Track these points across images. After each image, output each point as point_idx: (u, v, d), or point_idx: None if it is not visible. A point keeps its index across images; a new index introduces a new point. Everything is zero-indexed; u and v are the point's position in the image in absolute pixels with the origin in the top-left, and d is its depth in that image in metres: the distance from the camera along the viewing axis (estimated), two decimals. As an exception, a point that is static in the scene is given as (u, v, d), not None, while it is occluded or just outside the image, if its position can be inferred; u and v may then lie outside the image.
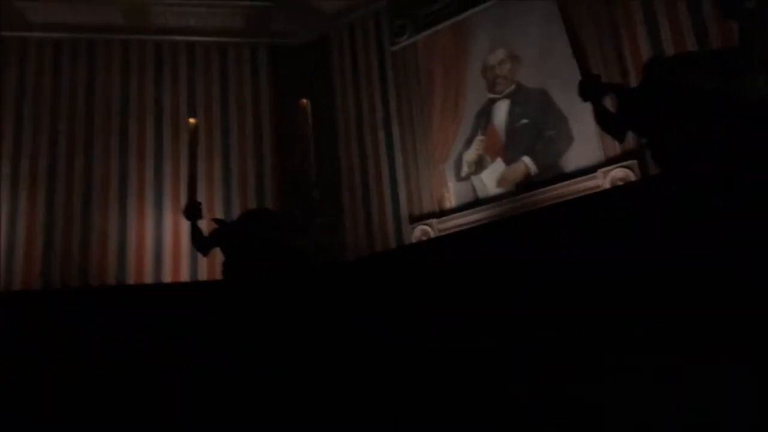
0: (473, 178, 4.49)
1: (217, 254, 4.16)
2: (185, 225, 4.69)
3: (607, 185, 3.82)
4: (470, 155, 4.53)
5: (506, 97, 4.47)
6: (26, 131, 4.87)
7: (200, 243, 3.24)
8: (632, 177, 3.77)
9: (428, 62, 4.88)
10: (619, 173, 3.83)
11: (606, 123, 2.74)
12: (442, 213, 4.50)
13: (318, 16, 5.41)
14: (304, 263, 3.26)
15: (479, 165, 4.49)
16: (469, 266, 3.07)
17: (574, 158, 4.09)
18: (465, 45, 4.74)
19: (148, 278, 4.59)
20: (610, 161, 3.92)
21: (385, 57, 5.11)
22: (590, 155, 4.01)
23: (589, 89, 2.68)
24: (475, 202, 4.39)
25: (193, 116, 4.63)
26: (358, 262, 4.33)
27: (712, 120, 2.46)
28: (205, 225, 3.32)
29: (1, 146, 4.78)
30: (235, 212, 4.71)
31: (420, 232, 4.48)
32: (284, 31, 5.48)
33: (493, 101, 4.53)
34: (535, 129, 4.29)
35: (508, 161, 4.36)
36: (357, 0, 5.26)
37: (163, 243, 4.74)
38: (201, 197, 3.40)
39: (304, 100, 3.48)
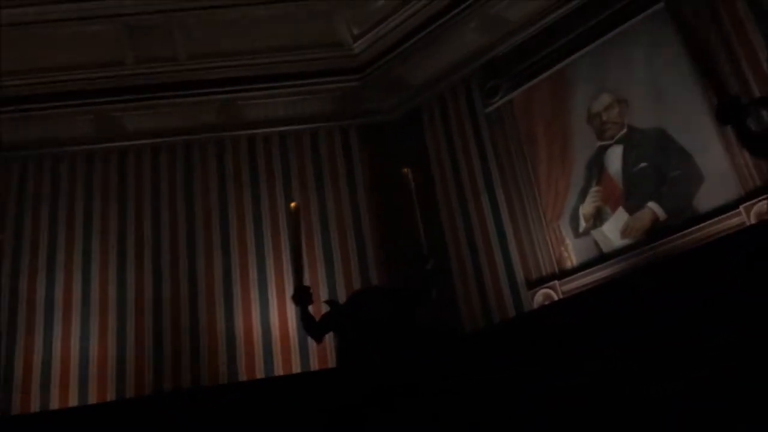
0: (593, 232, 4.12)
1: (327, 341, 3.99)
2: (292, 314, 4.61)
3: (752, 221, 3.39)
4: (587, 208, 4.19)
5: (618, 142, 4.15)
6: (129, 235, 4.92)
7: (313, 328, 3.06)
8: (778, 209, 3.34)
9: (526, 119, 4.65)
10: (765, 207, 3.39)
11: (755, 146, 2.40)
12: (563, 273, 4.13)
13: (407, 90, 5.33)
14: (423, 339, 3.01)
15: (598, 218, 4.13)
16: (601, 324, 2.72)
17: (708, 197, 3.68)
18: (565, 95, 4.49)
19: (260, 373, 4.43)
20: (750, 195, 3.49)
21: (479, 120, 4.92)
22: (726, 192, 3.60)
23: (728, 110, 2.37)
24: (600, 258, 4.01)
25: (291, 203, 4.58)
26: (482, 332, 4.04)
27: None
28: (311, 310, 3.16)
29: (108, 260, 4.84)
30: (341, 294, 4.52)
31: (542, 296, 4.11)
32: (374, 109, 5.43)
33: (603, 148, 4.22)
34: (657, 171, 3.92)
35: (631, 210, 3.99)
36: (446, 68, 5.13)
37: (271, 335, 4.59)
38: (305, 282, 3.25)
39: (406, 169, 3.32)
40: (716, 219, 3.58)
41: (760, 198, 3.42)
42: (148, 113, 5.22)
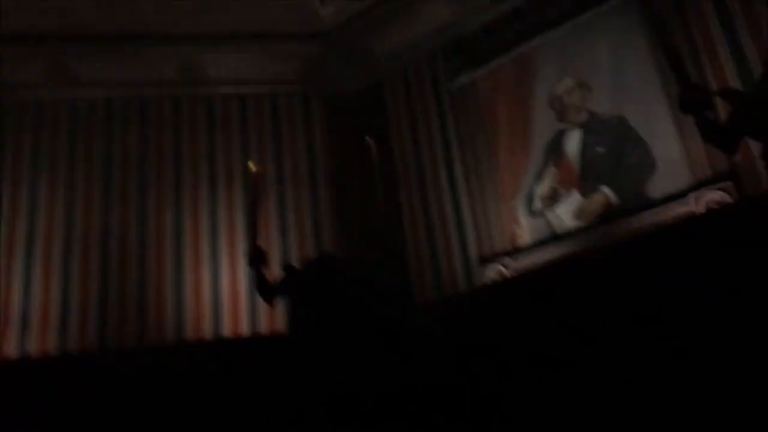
0: (548, 213, 4.20)
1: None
2: (243, 275, 4.55)
3: (700, 210, 3.50)
4: (543, 189, 4.26)
5: (578, 126, 4.22)
6: (79, 188, 4.78)
7: (266, 291, 3.01)
8: (728, 200, 3.45)
9: (489, 98, 4.68)
10: (713, 196, 3.51)
11: (713, 135, 2.46)
12: (516, 251, 4.20)
13: (372, 60, 5.28)
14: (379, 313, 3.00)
15: (553, 199, 4.20)
16: (550, 305, 2.78)
17: (660, 184, 3.79)
18: (529, 76, 4.53)
19: (207, 333, 4.38)
20: (701, 184, 3.61)
21: (443, 96, 4.92)
22: (677, 180, 3.71)
23: (691, 100, 2.41)
24: (552, 238, 4.09)
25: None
26: (433, 304, 4.07)
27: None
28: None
29: (55, 206, 4.69)
30: (294, 261, 4.50)
31: (494, 272, 4.17)
32: (337, 76, 5.36)
33: (563, 131, 4.28)
34: (613, 157, 4.01)
35: (585, 193, 4.08)
36: (413, 41, 5.10)
37: (220, 294, 4.53)
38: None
39: (369, 138, 3.29)
40: (666, 206, 3.68)
41: (708, 187, 3.53)
42: (102, 62, 5.03)
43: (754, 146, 3.31)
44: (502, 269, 4.16)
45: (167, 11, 5.01)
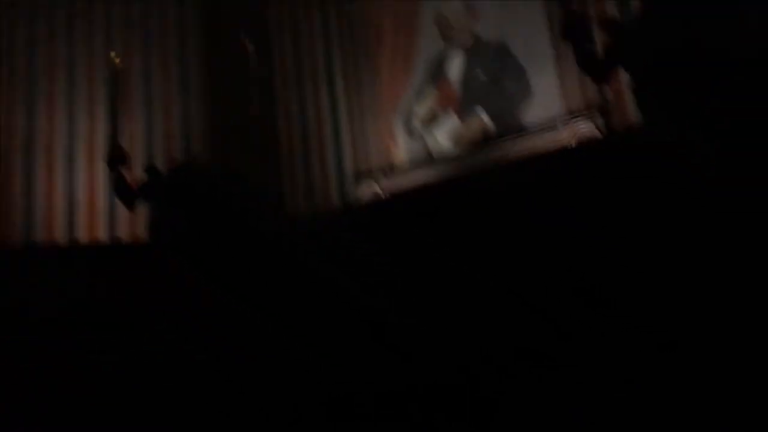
0: (425, 134, 4.20)
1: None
2: (102, 177, 4.24)
3: (570, 139, 3.62)
4: (422, 109, 4.24)
5: (462, 48, 4.19)
6: None
7: (126, 195, 2.82)
8: (596, 131, 3.59)
9: (376, 9, 4.54)
10: (582, 127, 3.63)
11: (588, 64, 2.50)
12: (391, 170, 4.19)
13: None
14: (241, 222, 2.90)
15: (431, 120, 4.20)
16: (424, 226, 2.80)
17: (534, 112, 3.87)
18: (416, -8, 4.42)
19: (60, 236, 4.08)
20: (573, 115, 3.71)
21: (328, 4, 4.71)
22: (551, 109, 3.80)
23: (572, 26, 2.42)
24: (428, 159, 4.11)
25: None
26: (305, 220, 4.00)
27: (711, 64, 2.26)
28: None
29: None
30: (159, 165, 4.22)
31: (367, 189, 4.15)
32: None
33: (447, 53, 4.25)
34: (492, 82, 4.04)
35: (463, 116, 4.10)
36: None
37: (76, 197, 4.21)
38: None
39: (245, 38, 3.10)
40: (539, 134, 3.77)
41: (579, 118, 3.65)
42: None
43: (626, 80, 3.44)
44: (377, 187, 4.14)
45: None
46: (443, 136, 4.12)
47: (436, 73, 4.26)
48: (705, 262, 1.82)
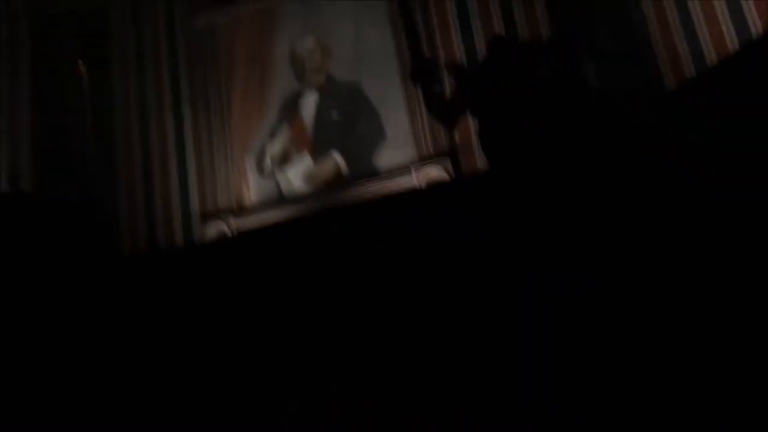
0: (278, 174, 4.09)
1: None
2: None
3: (421, 184, 3.66)
4: (275, 148, 4.13)
5: (316, 89, 4.16)
6: None
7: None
8: (445, 176, 3.66)
9: (228, 44, 4.40)
10: (433, 171, 3.69)
11: (437, 108, 2.54)
12: (241, 210, 4.02)
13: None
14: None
15: (284, 160, 4.10)
16: (272, 265, 2.69)
17: (387, 156, 3.90)
18: (271, 27, 4.35)
19: None
20: (423, 160, 3.77)
21: (176, 33, 4.49)
22: (403, 153, 3.84)
23: (421, 71, 2.47)
24: (280, 200, 3.99)
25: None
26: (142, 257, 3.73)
27: (546, 109, 2.36)
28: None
29: None
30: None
31: (215, 230, 3.95)
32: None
33: (301, 92, 4.20)
34: (346, 124, 4.03)
35: (316, 157, 4.04)
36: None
37: None
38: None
39: (80, 62, 2.88)
40: (391, 178, 3.79)
41: (429, 162, 3.72)
42: None
43: (473, 125, 3.55)
44: (225, 228, 3.96)
45: None
46: (296, 176, 4.04)
47: (290, 112, 4.19)
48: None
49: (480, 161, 3.52)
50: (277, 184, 4.08)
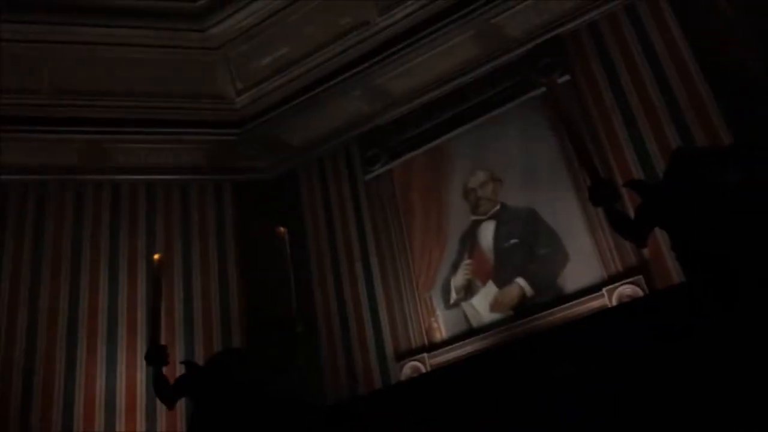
0: (463, 304, 4.15)
1: (179, 408, 3.67)
2: (142, 377, 4.22)
3: (613, 304, 3.52)
4: (458, 280, 4.22)
5: (491, 218, 4.26)
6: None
7: (165, 392, 2.77)
8: (640, 294, 3.50)
9: (404, 189, 4.68)
10: (626, 290, 3.55)
11: (623, 228, 2.49)
12: (432, 346, 4.09)
13: (286, 150, 5.23)
14: (284, 411, 2.80)
15: (469, 290, 4.16)
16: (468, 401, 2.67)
17: (572, 277, 3.82)
18: (443, 169, 4.58)
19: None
20: (613, 278, 3.66)
21: (358, 187, 4.89)
22: (590, 273, 3.76)
23: (601, 193, 2.45)
24: (469, 332, 4.01)
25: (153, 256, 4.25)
26: (346, 404, 3.86)
27: (740, 217, 2.23)
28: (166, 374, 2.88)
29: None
30: (200, 359, 4.19)
31: (410, 369, 4.03)
32: (250, 166, 5.27)
33: (477, 223, 4.31)
34: (526, 248, 4.04)
35: (501, 284, 4.06)
36: (327, 132, 5.10)
37: (116, 398, 4.15)
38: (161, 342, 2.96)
39: (282, 228, 3.16)
40: (581, 300, 3.70)
41: (621, 282, 3.59)
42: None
43: (662, 239, 3.42)
44: (419, 365, 4.03)
45: (74, 94, 4.84)
46: (482, 305, 4.07)
47: (469, 243, 4.29)
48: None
49: (676, 275, 3.36)
50: (465, 315, 4.12)
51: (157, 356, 2.78)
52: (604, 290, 3.66)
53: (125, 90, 4.94)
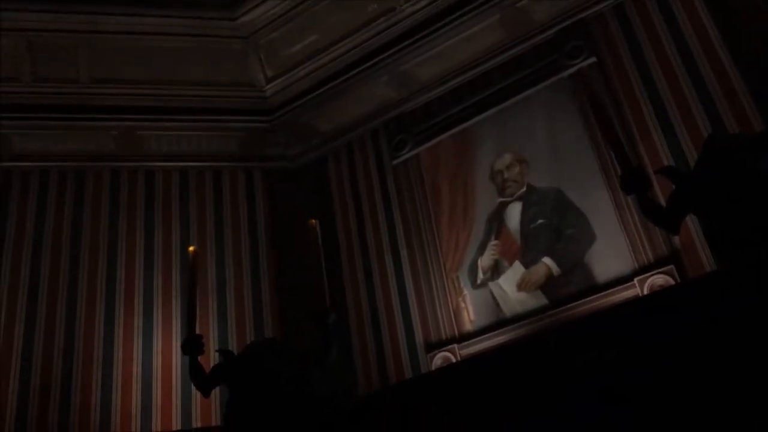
0: (491, 284, 4.17)
1: (214, 397, 3.72)
2: (177, 365, 4.30)
3: (645, 291, 3.50)
4: (486, 260, 4.23)
5: (518, 199, 4.26)
6: (5, 265, 4.46)
7: (201, 381, 2.84)
8: (671, 282, 3.47)
9: (432, 173, 4.70)
10: (658, 280, 3.52)
11: (655, 215, 2.47)
12: (462, 337, 4.11)
13: (315, 137, 5.27)
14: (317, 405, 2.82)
15: (496, 270, 4.18)
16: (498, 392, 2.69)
17: (599, 256, 3.83)
18: (469, 153, 4.58)
19: (136, 424, 4.08)
20: (644, 269, 3.63)
21: (386, 172, 4.91)
22: (617, 253, 3.75)
23: (632, 180, 2.43)
24: (500, 323, 4.01)
25: (187, 244, 4.33)
26: (377, 395, 3.90)
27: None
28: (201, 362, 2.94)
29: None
30: (233, 347, 4.26)
31: (441, 359, 4.06)
32: (280, 153, 5.31)
33: (504, 204, 4.31)
34: (553, 228, 4.04)
35: (527, 264, 4.07)
36: (355, 118, 5.12)
37: (152, 387, 4.24)
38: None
39: (314, 220, 3.18)
40: (612, 290, 3.69)
41: (653, 272, 3.56)
42: (39, 134, 4.84)
43: (694, 227, 3.38)
44: (450, 355, 4.05)
45: (109, 83, 4.93)
46: (509, 285, 4.08)
47: (496, 225, 4.29)
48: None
49: (708, 265, 3.33)
50: (492, 295, 4.13)
51: (193, 345, 2.85)
52: (635, 280, 3.63)
53: (158, 78, 5.02)
